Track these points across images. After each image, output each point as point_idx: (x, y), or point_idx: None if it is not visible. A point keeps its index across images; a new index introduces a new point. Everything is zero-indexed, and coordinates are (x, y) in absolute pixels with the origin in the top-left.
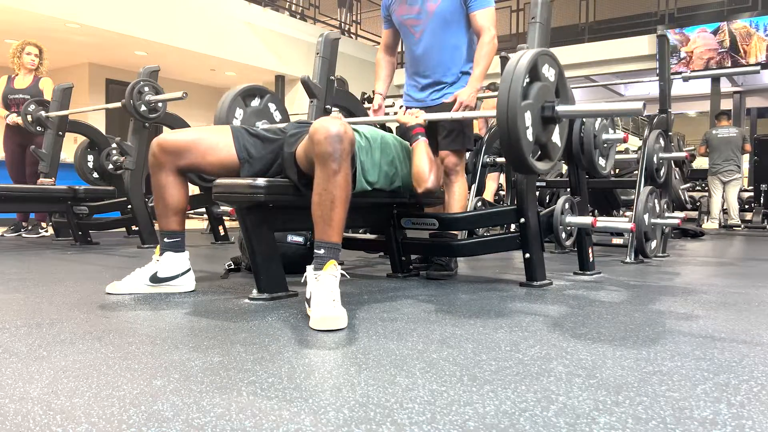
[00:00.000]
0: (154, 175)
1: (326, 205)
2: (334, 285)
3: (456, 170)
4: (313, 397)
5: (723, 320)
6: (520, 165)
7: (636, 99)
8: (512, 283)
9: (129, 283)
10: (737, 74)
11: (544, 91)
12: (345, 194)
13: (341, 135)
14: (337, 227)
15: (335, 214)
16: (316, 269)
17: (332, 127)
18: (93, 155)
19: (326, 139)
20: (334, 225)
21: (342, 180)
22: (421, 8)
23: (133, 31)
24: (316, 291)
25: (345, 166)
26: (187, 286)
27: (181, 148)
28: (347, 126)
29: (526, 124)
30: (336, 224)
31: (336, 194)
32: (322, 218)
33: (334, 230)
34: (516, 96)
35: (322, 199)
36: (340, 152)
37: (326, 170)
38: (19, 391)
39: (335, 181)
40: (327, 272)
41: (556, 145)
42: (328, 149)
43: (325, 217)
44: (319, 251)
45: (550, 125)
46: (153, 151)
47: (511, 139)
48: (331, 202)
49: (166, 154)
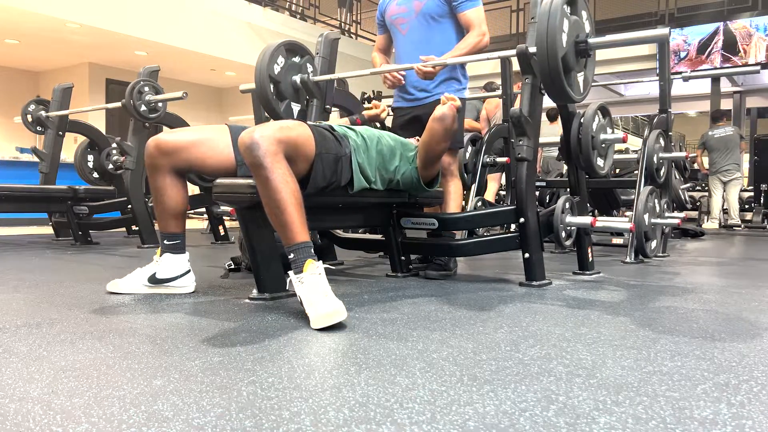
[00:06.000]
0: (152, 177)
1: (275, 211)
2: (320, 281)
3: (451, 170)
4: (313, 397)
5: (723, 320)
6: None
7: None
8: (512, 282)
9: (129, 283)
10: (737, 74)
11: (579, 25)
12: (286, 194)
13: (256, 142)
14: (297, 227)
15: (288, 216)
16: (297, 273)
17: (247, 137)
18: (93, 155)
19: (245, 151)
20: (292, 227)
21: (277, 182)
22: (408, 7)
23: (133, 31)
24: (306, 292)
25: (275, 167)
26: (186, 287)
27: (179, 149)
28: (265, 128)
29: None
30: (294, 225)
31: (278, 197)
32: (279, 225)
33: (295, 231)
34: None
35: (270, 208)
36: (262, 157)
37: (259, 179)
38: (19, 391)
39: (271, 186)
40: (308, 273)
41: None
42: (249, 159)
43: (281, 223)
44: (290, 256)
45: (581, 59)
46: (149, 152)
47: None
48: (277, 206)
49: (163, 155)
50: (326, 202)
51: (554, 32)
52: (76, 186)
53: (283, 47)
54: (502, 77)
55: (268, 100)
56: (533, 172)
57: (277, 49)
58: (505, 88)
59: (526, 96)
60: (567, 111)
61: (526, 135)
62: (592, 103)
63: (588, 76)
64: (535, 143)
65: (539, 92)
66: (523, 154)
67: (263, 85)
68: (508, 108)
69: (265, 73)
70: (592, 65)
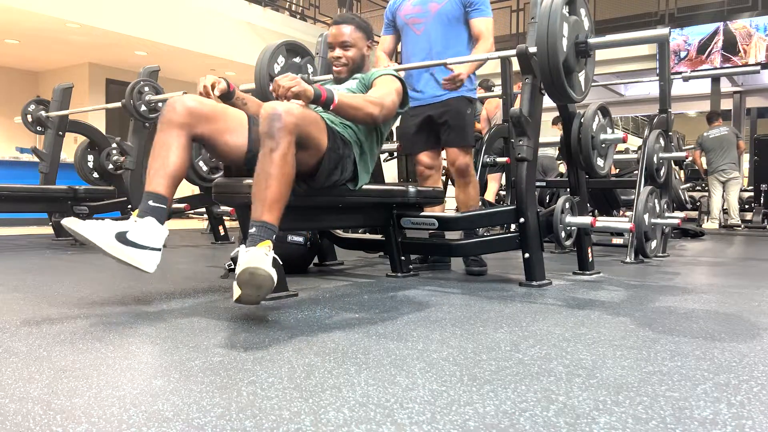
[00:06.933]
0: (163, 131)
1: (261, 183)
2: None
3: (469, 171)
4: (313, 397)
5: (723, 320)
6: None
7: (636, 99)
8: (512, 282)
9: (92, 228)
10: (737, 74)
11: (579, 25)
12: (280, 172)
13: (280, 114)
14: (271, 206)
15: (269, 193)
16: (248, 246)
17: (271, 108)
18: (93, 155)
19: (265, 118)
20: (267, 203)
21: (278, 158)
22: (424, 8)
23: (133, 31)
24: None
25: (283, 144)
26: (149, 265)
27: (209, 116)
28: (294, 108)
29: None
30: (269, 203)
31: (271, 172)
32: (256, 196)
33: (267, 209)
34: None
35: (258, 177)
36: (277, 130)
37: (264, 148)
38: (19, 391)
39: (271, 158)
40: (259, 248)
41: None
42: (265, 127)
43: (259, 195)
44: (251, 230)
45: (581, 59)
46: (174, 108)
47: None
48: (266, 180)
49: (190, 116)
50: (326, 202)
51: (554, 32)
52: (76, 186)
53: (283, 47)
54: (503, 77)
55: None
56: (533, 172)
57: (278, 49)
58: (505, 88)
59: (526, 96)
60: (567, 111)
61: (526, 135)
62: (592, 103)
63: (588, 73)
64: (535, 143)
65: (539, 92)
66: (523, 154)
67: (263, 85)
68: (508, 108)
69: (265, 73)
70: (592, 63)
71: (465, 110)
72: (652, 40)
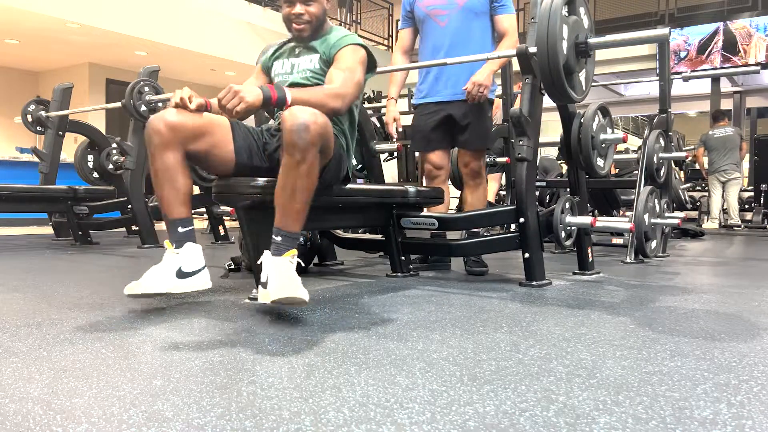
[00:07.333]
0: (160, 156)
1: (287, 194)
2: (292, 269)
3: (481, 173)
4: (313, 397)
5: (723, 320)
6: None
7: (636, 99)
8: (512, 282)
9: (153, 282)
10: (737, 74)
11: (578, 25)
12: (307, 185)
13: (308, 124)
14: (297, 217)
15: (295, 204)
16: (274, 255)
17: (300, 116)
18: (93, 155)
19: (291, 128)
20: (293, 214)
21: (305, 170)
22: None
23: (133, 31)
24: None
25: (310, 156)
26: (207, 282)
27: (195, 132)
28: (319, 116)
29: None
30: (295, 214)
31: (298, 184)
32: (282, 206)
33: (293, 219)
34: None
35: (285, 189)
36: (306, 142)
37: (290, 159)
38: (19, 391)
39: (298, 171)
40: (285, 258)
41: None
42: (293, 138)
43: (285, 206)
44: (276, 238)
45: (581, 59)
46: (159, 130)
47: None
48: (292, 191)
49: (176, 132)
50: (326, 202)
51: (554, 33)
52: (76, 186)
53: None
54: (502, 77)
55: None
56: (533, 172)
57: None
58: (506, 88)
59: (526, 96)
60: (567, 111)
61: (526, 135)
62: (592, 104)
63: (589, 73)
64: (535, 143)
65: (539, 92)
66: (523, 154)
67: None
68: (508, 108)
69: None
70: (592, 63)
71: (487, 112)
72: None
